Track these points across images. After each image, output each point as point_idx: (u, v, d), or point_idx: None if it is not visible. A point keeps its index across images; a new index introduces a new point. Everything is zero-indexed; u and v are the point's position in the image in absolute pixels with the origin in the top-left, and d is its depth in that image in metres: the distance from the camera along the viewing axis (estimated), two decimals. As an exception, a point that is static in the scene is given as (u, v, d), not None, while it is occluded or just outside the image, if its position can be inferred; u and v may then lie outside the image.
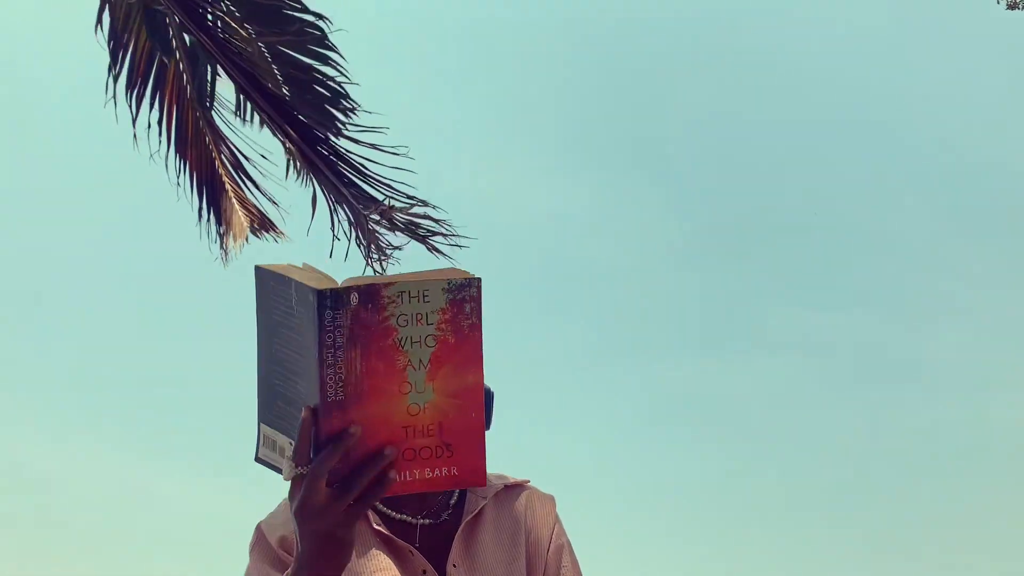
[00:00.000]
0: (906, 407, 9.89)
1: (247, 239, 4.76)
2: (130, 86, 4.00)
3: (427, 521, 1.33)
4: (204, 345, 8.63)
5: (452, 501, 1.37)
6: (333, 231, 3.62)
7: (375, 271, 3.71)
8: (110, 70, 3.87)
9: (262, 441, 1.07)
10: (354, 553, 1.21)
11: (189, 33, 3.59)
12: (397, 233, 3.63)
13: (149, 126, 4.11)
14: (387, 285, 0.99)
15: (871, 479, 9.44)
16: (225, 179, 4.50)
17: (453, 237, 3.62)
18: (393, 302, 1.00)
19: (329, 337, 0.97)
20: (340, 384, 0.99)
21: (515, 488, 1.42)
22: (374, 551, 1.28)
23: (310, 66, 3.73)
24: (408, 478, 1.04)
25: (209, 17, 3.58)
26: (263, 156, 4.25)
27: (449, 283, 1.01)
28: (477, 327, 1.04)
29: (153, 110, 4.09)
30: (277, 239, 4.77)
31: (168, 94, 4.07)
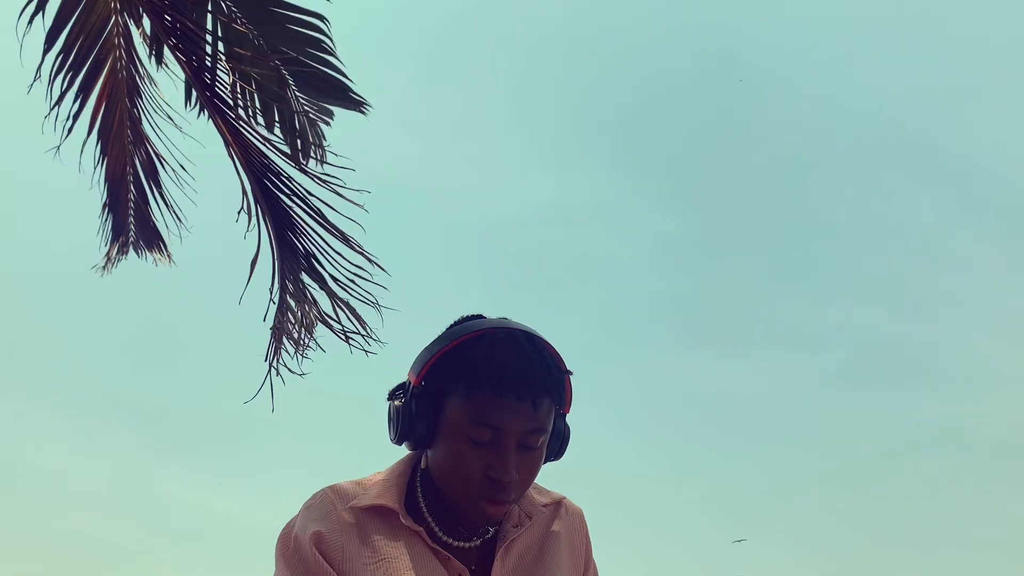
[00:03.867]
0: (914, 402, 9.83)
1: (127, 255, 4.45)
2: (61, 70, 3.66)
3: (477, 542, 1.37)
4: (206, 345, 7.96)
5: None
6: (271, 292, 3.42)
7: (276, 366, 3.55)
8: (45, 51, 3.52)
9: None
10: (398, 554, 1.31)
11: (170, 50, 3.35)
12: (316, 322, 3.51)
13: (68, 117, 3.78)
14: None
15: (877, 474, 9.35)
16: (131, 186, 4.21)
17: (371, 340, 3.55)
18: None
19: None
20: None
21: (552, 505, 1.48)
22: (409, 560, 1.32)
23: (316, 70, 3.57)
24: None
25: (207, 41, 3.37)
26: (182, 167, 4.01)
27: None
28: None
29: (78, 100, 3.77)
30: (157, 261, 4.48)
31: (102, 85, 3.77)
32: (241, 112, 3.18)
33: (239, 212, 3.20)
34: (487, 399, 1.27)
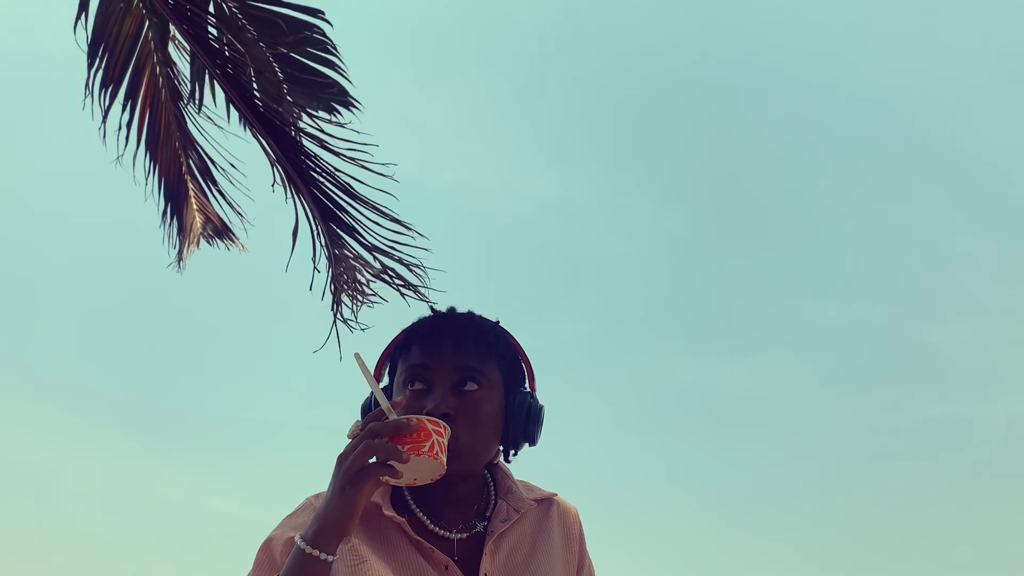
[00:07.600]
0: (916, 402, 9.50)
1: (198, 245, 4.71)
2: (105, 83, 3.91)
3: (463, 535, 1.38)
4: (204, 345, 8.41)
5: (488, 512, 1.42)
6: (314, 261, 3.58)
7: (343, 318, 3.69)
8: (90, 66, 3.77)
9: None
10: (379, 555, 1.32)
11: (182, 35, 3.54)
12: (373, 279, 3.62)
13: (120, 128, 4.02)
14: None
15: (878, 475, 9.09)
16: (190, 183, 4.44)
17: (425, 290, 3.64)
18: None
19: None
20: None
21: (544, 501, 1.48)
22: (399, 552, 1.34)
23: (312, 70, 3.69)
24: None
25: (210, 29, 3.52)
26: (232, 165, 4.21)
27: None
28: None
29: (125, 110, 4.01)
30: (229, 248, 4.73)
31: (143, 93, 3.99)
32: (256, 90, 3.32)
33: (272, 185, 3.35)
34: (414, 352, 1.40)
